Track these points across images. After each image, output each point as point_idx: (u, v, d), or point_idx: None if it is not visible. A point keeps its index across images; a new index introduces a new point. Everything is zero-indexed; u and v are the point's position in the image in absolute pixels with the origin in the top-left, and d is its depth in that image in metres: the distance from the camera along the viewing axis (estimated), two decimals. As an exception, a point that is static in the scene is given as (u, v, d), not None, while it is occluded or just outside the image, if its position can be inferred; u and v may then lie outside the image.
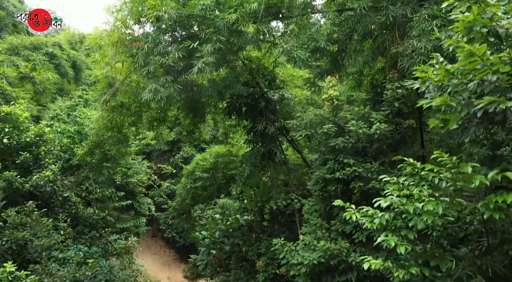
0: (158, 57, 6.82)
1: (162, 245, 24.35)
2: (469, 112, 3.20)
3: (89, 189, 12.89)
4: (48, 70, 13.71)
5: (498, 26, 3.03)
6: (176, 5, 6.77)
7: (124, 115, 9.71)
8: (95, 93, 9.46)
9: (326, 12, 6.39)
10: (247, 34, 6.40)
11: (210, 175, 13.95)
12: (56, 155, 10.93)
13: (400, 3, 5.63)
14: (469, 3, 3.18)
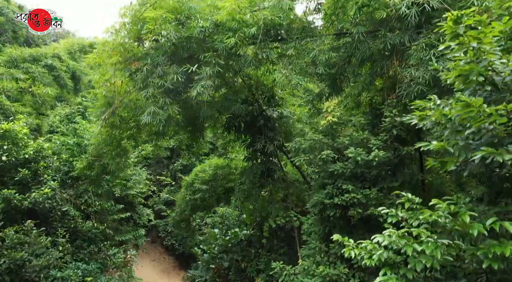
0: (157, 79, 6.83)
1: (162, 251, 24.29)
2: (467, 157, 3.21)
3: (88, 201, 12.86)
4: (47, 83, 13.72)
5: (494, 74, 3.04)
6: (174, 28, 6.79)
7: (123, 130, 9.71)
8: (94, 110, 9.46)
9: (324, 36, 6.41)
10: (246, 58, 6.42)
11: (209, 187, 13.93)
12: (55, 169, 10.92)
13: (398, 30, 5.65)
14: (465, 48, 3.19)
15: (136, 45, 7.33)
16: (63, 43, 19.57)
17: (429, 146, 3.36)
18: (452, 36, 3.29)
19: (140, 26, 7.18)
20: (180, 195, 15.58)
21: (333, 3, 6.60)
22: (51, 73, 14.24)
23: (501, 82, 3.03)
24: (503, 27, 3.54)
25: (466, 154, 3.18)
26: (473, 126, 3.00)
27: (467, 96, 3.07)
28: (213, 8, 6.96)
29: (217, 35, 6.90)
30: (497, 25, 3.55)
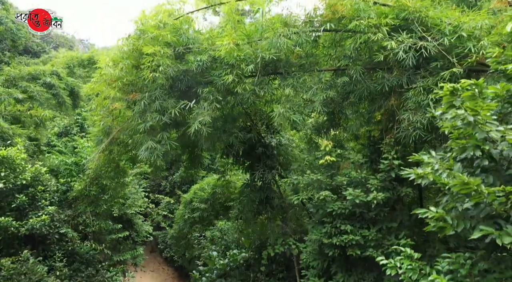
0: (155, 114, 6.81)
1: (161, 262, 24.20)
2: (466, 227, 3.18)
3: (86, 221, 12.81)
4: (46, 101, 13.69)
5: (492, 146, 3.02)
6: (172, 62, 6.78)
7: (121, 153, 9.69)
8: (92, 136, 9.44)
9: (322, 72, 6.40)
10: (244, 94, 6.40)
11: (208, 205, 13.90)
12: (53, 191, 10.88)
13: (395, 70, 5.64)
14: (463, 118, 3.18)
15: (135, 78, 7.30)
16: (62, 58, 19.59)
17: (427, 213, 3.33)
18: (448, 106, 3.27)
19: (138, 59, 7.18)
20: (179, 212, 15.53)
21: (331, 37, 6.61)
22: (50, 91, 14.20)
23: (499, 155, 3.01)
24: (499, 91, 3.53)
25: (465, 224, 3.15)
26: (472, 201, 2.98)
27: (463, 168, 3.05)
28: (211, 41, 6.95)
29: (214, 69, 6.90)
30: (493, 88, 3.55)
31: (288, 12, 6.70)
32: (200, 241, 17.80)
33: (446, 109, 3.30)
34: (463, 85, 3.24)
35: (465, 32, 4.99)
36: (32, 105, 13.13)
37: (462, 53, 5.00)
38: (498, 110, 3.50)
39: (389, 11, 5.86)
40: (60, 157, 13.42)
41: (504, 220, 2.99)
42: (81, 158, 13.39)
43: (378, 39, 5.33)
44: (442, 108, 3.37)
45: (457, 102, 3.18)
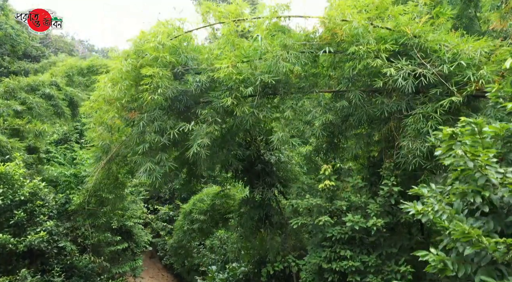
0: (154, 135, 6.79)
1: (160, 268, 24.13)
2: (466, 272, 3.15)
3: (85, 234, 12.76)
4: (44, 113, 13.68)
5: (492, 191, 3.00)
6: (171, 82, 6.76)
7: (120, 167, 9.67)
8: (90, 152, 9.41)
9: (321, 95, 6.38)
10: (243, 117, 6.38)
11: (207, 217, 13.86)
12: (51, 206, 10.84)
13: (395, 95, 5.62)
14: (462, 163, 3.15)
15: (133, 98, 7.28)
16: (61, 66, 19.59)
17: (426, 256, 3.30)
18: (448, 149, 3.25)
19: (137, 79, 7.16)
20: (178, 223, 15.48)
21: (330, 58, 6.59)
22: (49, 102, 14.17)
23: (499, 201, 2.99)
24: (499, 130, 3.51)
25: (466, 268, 3.12)
26: (472, 248, 2.95)
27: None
28: (210, 62, 6.93)
29: (213, 90, 6.89)
30: (492, 127, 3.53)
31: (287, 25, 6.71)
32: (199, 250, 17.77)
33: (446, 152, 3.28)
34: (462, 130, 3.22)
35: (464, 60, 4.98)
36: (31, 118, 13.13)
37: (461, 82, 4.98)
38: (498, 148, 3.47)
39: (388, 35, 5.85)
40: (59, 168, 13.38)
41: (505, 266, 2.96)
42: (80, 170, 13.36)
43: (377, 66, 5.32)
44: (442, 149, 3.34)
45: (456, 146, 3.16)
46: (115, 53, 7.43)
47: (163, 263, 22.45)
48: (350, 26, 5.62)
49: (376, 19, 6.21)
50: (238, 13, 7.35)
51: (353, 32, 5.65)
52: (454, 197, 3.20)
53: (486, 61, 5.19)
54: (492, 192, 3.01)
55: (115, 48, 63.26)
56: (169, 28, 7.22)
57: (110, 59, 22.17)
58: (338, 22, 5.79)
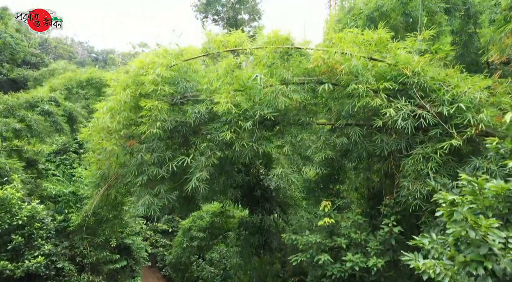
0: (153, 167, 6.76)
1: (160, 277, 24.06)
2: None
3: (84, 252, 12.70)
4: (43, 130, 13.65)
5: (495, 264, 2.97)
6: (170, 114, 6.74)
7: (119, 192, 9.63)
8: (88, 176, 9.37)
9: (321, 129, 6.36)
10: (242, 151, 6.35)
11: (207, 234, 13.82)
12: (50, 229, 10.79)
13: (395, 134, 5.60)
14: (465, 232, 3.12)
15: (132, 129, 7.26)
16: (60, 79, 19.58)
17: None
18: (449, 214, 3.23)
19: (135, 109, 7.14)
20: (177, 239, 15.43)
21: (329, 91, 6.57)
22: (48, 119, 14.13)
23: (502, 273, 2.96)
24: (499, 190, 3.49)
25: None
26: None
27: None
28: (209, 92, 6.91)
29: (212, 120, 6.86)
30: (493, 187, 3.50)
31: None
32: (198, 263, 17.72)
33: (447, 217, 3.26)
34: (462, 199, 3.19)
35: (464, 103, 4.96)
36: (30, 136, 13.10)
37: (461, 125, 4.96)
38: (499, 209, 3.45)
39: (387, 71, 5.84)
40: (58, 186, 13.33)
41: None
42: (79, 187, 13.32)
43: (377, 105, 5.31)
44: (444, 214, 3.32)
45: (457, 214, 3.14)
46: (114, 83, 7.37)
47: (162, 273, 22.41)
48: (349, 64, 5.62)
49: (375, 53, 6.22)
50: (237, 43, 7.36)
51: (352, 70, 5.64)
52: (456, 265, 3.17)
53: (486, 101, 5.17)
54: (494, 261, 2.98)
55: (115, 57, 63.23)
56: (168, 58, 7.20)
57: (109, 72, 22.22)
58: (337, 59, 5.78)
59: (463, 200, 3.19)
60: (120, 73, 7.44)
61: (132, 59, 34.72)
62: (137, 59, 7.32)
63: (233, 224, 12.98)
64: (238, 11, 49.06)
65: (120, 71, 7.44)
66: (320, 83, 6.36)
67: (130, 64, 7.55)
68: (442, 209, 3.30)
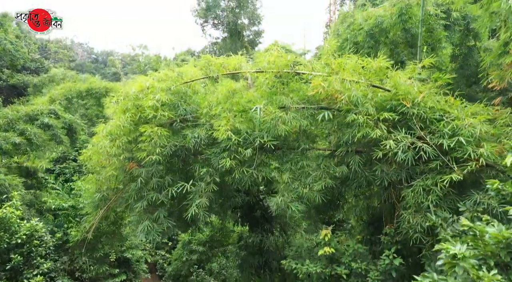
0: (152, 193, 6.74)
1: (159, 284, 23.98)
2: None
3: (83, 267, 12.65)
4: (43, 143, 13.64)
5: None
6: (169, 139, 6.72)
7: (118, 205, 9.61)
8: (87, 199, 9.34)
9: (320, 151, 6.35)
10: (242, 178, 6.33)
11: (206, 248, 13.78)
12: (48, 247, 10.75)
13: (395, 164, 5.58)
14: None
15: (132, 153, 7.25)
16: (59, 89, 19.60)
17: None
18: (451, 266, 3.21)
19: (135, 133, 7.14)
20: (177, 252, 15.39)
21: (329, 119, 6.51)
22: (48, 131, 14.11)
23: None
24: (500, 237, 3.47)
25: None
26: None
27: None
28: (208, 117, 6.90)
29: (212, 145, 6.85)
30: (494, 234, 3.49)
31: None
32: (198, 273, 17.66)
33: (449, 269, 3.24)
34: (461, 253, 3.18)
35: (464, 136, 4.95)
36: (29, 150, 13.10)
37: (461, 158, 4.95)
38: (501, 256, 3.43)
39: (387, 99, 5.84)
40: (57, 200, 13.30)
41: None
42: (78, 201, 13.28)
43: (377, 136, 5.30)
44: (445, 266, 3.30)
45: (459, 269, 3.12)
46: (114, 105, 7.36)
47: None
48: (349, 94, 5.61)
49: (375, 80, 6.22)
50: (237, 66, 7.36)
51: (352, 99, 5.63)
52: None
53: (486, 133, 5.15)
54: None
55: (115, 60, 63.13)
56: (168, 82, 7.20)
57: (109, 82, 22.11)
58: (337, 88, 5.78)
59: (465, 255, 3.17)
60: (120, 96, 7.44)
61: (132, 62, 35.28)
62: (137, 82, 7.32)
63: (233, 238, 12.96)
64: (238, 15, 49.14)
65: (120, 94, 7.42)
66: (320, 109, 6.37)
67: (130, 86, 7.54)
68: (444, 261, 3.29)
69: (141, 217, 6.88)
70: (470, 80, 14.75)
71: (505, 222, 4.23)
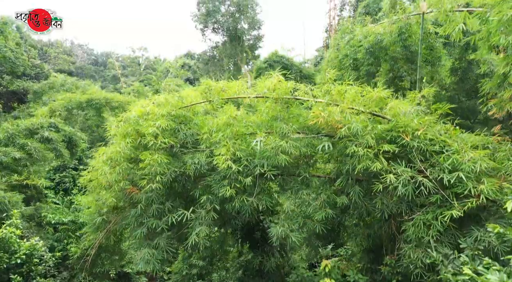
0: (152, 220, 6.73)
1: (158, 293, 23.88)
2: None
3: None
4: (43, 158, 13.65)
5: None
6: (169, 166, 6.72)
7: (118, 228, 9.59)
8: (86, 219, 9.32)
9: (320, 178, 6.36)
10: (242, 207, 6.32)
11: (207, 262, 13.71)
12: (48, 266, 10.73)
13: (395, 196, 5.57)
14: None
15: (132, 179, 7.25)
16: (59, 100, 19.67)
17: None
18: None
19: (135, 160, 7.15)
20: (176, 265, 15.31)
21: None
22: (48, 145, 14.12)
23: None
24: None
25: None
26: None
27: None
28: (209, 142, 6.90)
29: (212, 171, 6.84)
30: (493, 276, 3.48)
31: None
32: (198, 284, 17.57)
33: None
34: None
35: (464, 172, 4.94)
36: (29, 164, 13.10)
37: (461, 194, 4.94)
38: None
39: (387, 129, 5.83)
40: (57, 215, 13.29)
41: None
42: (78, 216, 13.28)
43: (377, 169, 5.30)
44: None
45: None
46: (114, 129, 7.37)
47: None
48: (350, 126, 5.62)
49: (375, 108, 6.23)
50: (237, 92, 7.37)
51: (352, 131, 5.63)
52: None
53: (486, 168, 5.15)
54: None
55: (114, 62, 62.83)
56: (168, 107, 7.21)
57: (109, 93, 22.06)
58: (337, 119, 5.79)
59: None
60: (120, 121, 7.45)
61: (132, 63, 35.19)
62: (138, 108, 7.33)
63: (233, 253, 12.92)
64: (237, 20, 49.24)
65: (120, 118, 7.44)
66: (321, 136, 6.38)
67: (130, 110, 7.55)
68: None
69: (141, 243, 6.88)
70: (470, 94, 14.77)
71: (505, 262, 4.22)
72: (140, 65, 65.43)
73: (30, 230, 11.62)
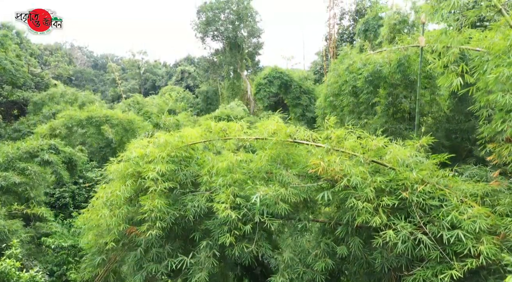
0: (152, 264, 6.74)
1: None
2: None
3: (83, 306, 12.59)
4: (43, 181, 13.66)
5: None
6: (169, 209, 6.73)
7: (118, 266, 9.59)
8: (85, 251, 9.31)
9: (321, 231, 6.37)
10: (242, 253, 6.34)
11: None
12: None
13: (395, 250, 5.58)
14: None
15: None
16: (59, 118, 19.72)
17: None
18: None
19: (135, 204, 7.18)
20: None
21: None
22: (48, 168, 14.14)
23: None
24: None
25: None
26: None
27: None
28: (208, 185, 6.93)
29: (212, 216, 6.85)
30: None
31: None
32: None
33: None
34: None
35: (463, 231, 4.96)
36: (29, 188, 13.10)
37: (461, 253, 4.96)
38: None
39: (386, 181, 5.85)
40: (57, 240, 13.26)
41: None
42: (78, 240, 13.24)
43: (376, 224, 5.31)
44: None
45: None
46: (114, 167, 7.39)
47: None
48: (349, 178, 5.64)
49: (374, 156, 6.26)
50: (238, 133, 7.40)
51: (351, 184, 5.66)
52: None
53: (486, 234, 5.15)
54: None
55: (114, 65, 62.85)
56: (168, 149, 7.24)
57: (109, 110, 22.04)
58: (337, 170, 5.81)
59: None
60: (120, 160, 7.48)
61: (131, 67, 35.35)
62: (138, 149, 7.36)
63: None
64: (237, 28, 49.46)
65: (120, 157, 7.47)
66: (319, 180, 6.41)
67: (130, 150, 7.57)
68: None
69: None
70: (468, 115, 14.84)
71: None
72: (140, 68, 65.58)
73: (30, 257, 11.58)
